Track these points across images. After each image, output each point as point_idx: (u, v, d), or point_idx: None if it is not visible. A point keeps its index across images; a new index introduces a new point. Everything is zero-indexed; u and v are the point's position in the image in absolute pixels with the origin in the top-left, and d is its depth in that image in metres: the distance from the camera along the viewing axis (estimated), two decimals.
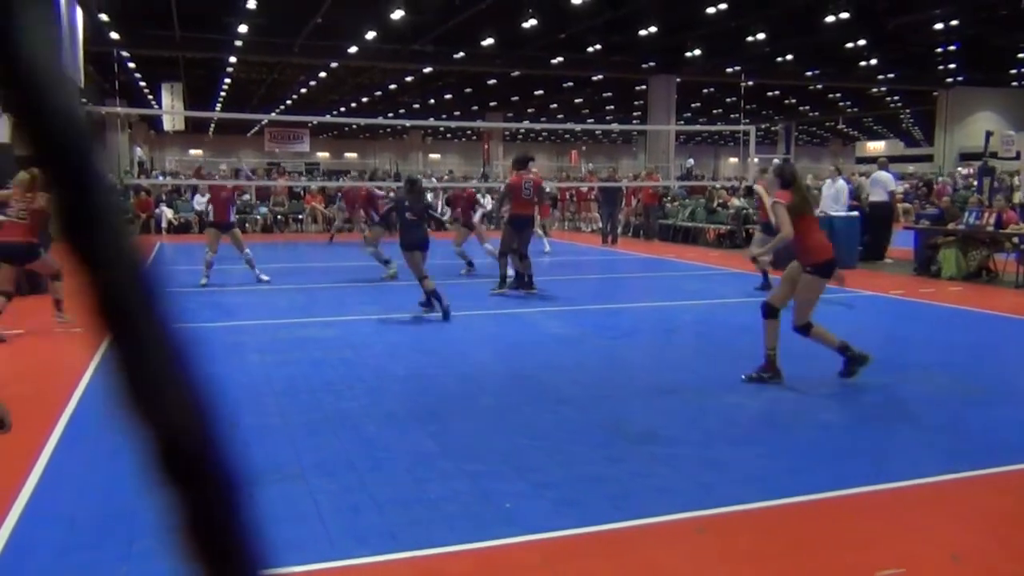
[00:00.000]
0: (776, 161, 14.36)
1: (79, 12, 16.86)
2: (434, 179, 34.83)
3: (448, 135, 63.88)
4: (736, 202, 17.32)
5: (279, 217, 21.51)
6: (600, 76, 34.77)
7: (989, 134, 17.99)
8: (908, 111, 50.59)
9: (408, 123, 58.45)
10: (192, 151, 54.95)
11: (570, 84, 39.46)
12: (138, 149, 44.53)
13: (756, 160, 12.27)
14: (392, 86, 39.75)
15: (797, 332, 5.52)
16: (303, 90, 40.84)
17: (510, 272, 9.91)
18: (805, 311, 5.50)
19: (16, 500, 3.53)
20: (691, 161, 40.65)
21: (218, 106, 43.69)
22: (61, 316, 8.23)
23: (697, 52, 28.81)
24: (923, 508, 3.61)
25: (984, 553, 3.20)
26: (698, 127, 43.17)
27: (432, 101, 46.18)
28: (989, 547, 3.25)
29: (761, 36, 25.69)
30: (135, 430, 0.37)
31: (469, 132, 61.05)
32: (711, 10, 22.72)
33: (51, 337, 7.49)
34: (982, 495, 3.80)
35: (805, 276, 5.49)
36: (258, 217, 20.99)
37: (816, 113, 52.37)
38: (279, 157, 49.83)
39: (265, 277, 10.79)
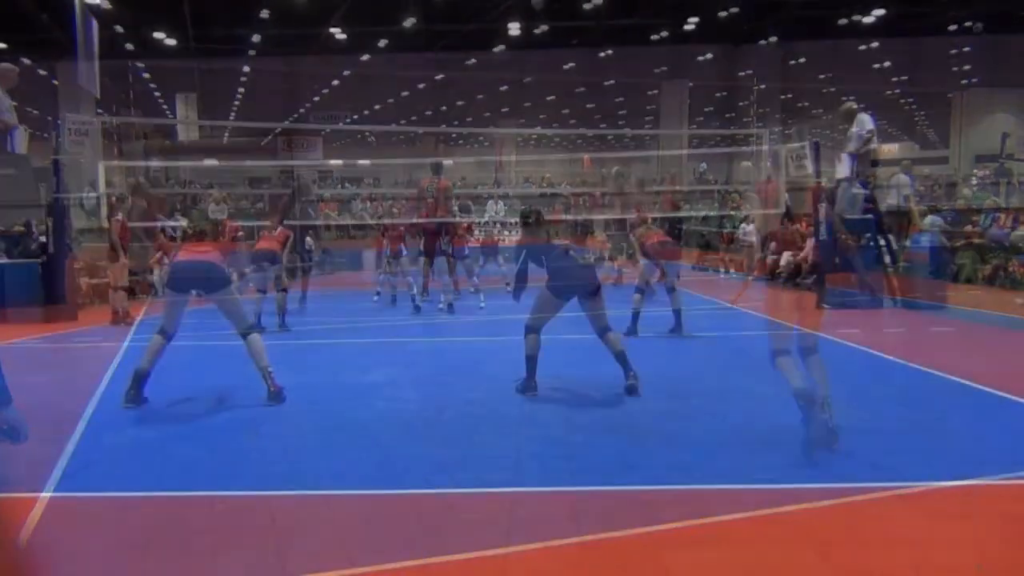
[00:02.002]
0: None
1: (94, 24, 17.03)
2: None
3: (461, 141, 63.99)
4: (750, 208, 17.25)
5: None
6: (612, 81, 34.76)
7: (1005, 136, 17.83)
8: (923, 113, 50.23)
9: (421, 130, 58.58)
10: (207, 160, 55.18)
11: (582, 89, 39.46)
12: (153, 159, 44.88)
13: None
14: (404, 93, 39.89)
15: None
16: (316, 98, 41.05)
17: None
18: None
19: (32, 511, 3.53)
20: (704, 165, 40.45)
21: (232, 115, 43.94)
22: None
23: (709, 56, 28.77)
24: (947, 514, 3.57)
25: (1009, 561, 3.15)
26: (710, 131, 43.01)
27: (444, 108, 46.29)
28: (1014, 555, 3.20)
29: (773, 39, 25.61)
30: None
31: (482, 138, 61.17)
32: (723, 14, 22.69)
33: (67, 349, 7.54)
34: (1007, 502, 3.75)
35: None
36: None
37: (829, 116, 52.12)
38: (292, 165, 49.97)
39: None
